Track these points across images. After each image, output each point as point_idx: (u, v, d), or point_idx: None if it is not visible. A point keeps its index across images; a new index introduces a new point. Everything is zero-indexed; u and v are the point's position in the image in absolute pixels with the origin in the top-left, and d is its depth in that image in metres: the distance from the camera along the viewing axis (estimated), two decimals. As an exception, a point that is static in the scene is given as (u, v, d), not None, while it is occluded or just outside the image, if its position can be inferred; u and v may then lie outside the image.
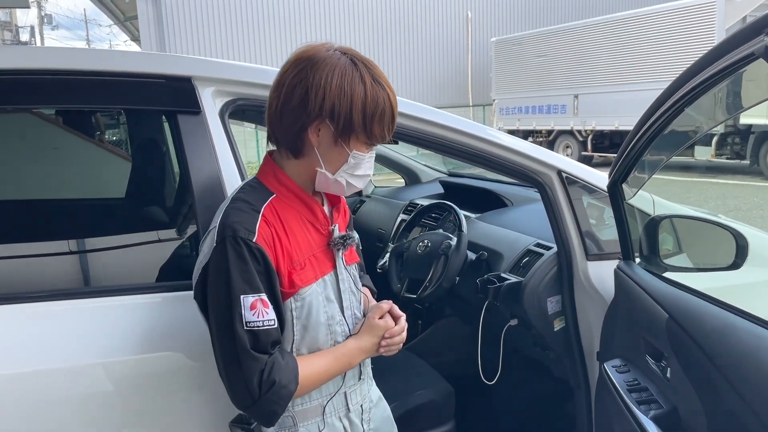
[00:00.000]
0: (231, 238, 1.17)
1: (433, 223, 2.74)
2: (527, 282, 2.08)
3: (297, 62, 1.22)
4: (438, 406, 2.15)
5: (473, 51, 20.13)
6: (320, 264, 1.30)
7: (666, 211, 2.02)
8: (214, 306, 1.21)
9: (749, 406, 1.13)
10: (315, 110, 1.20)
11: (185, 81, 1.63)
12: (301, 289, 1.25)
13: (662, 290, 1.57)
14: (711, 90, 1.34)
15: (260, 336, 1.17)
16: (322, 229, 1.33)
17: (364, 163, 1.28)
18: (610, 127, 13.85)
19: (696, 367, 1.35)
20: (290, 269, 1.23)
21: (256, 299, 1.17)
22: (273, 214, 1.24)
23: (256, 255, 1.18)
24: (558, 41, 15.13)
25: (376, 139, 1.25)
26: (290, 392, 1.20)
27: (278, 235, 1.23)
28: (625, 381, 1.65)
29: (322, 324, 1.29)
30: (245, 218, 1.20)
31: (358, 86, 1.19)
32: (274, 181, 1.29)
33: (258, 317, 1.17)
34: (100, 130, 3.58)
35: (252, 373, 1.16)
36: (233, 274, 1.16)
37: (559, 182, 2.02)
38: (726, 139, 11.90)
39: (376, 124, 1.22)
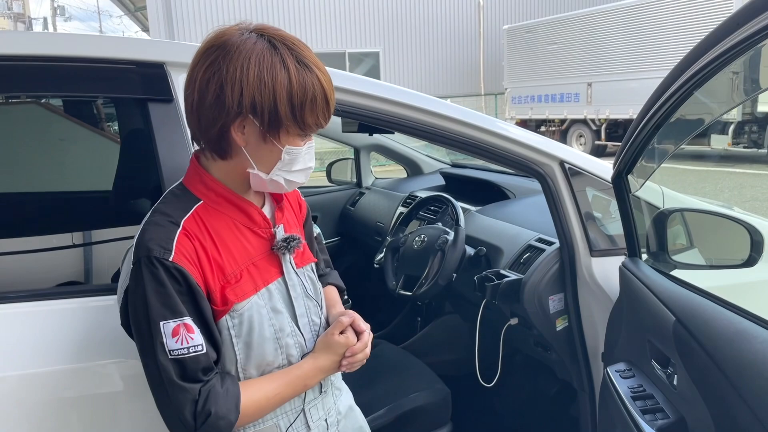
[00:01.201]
0: (145, 259, 1.04)
1: (432, 217, 2.63)
2: (527, 279, 1.97)
3: (207, 52, 1.07)
4: (434, 408, 2.05)
5: (485, 39, 19.89)
6: (262, 273, 1.17)
7: (676, 204, 1.90)
8: (136, 333, 1.09)
9: (758, 418, 1.01)
10: (234, 107, 1.04)
11: (157, 67, 1.53)
12: (235, 305, 1.12)
13: (670, 290, 1.45)
14: (724, 69, 1.21)
15: (187, 364, 1.05)
16: (263, 233, 1.19)
17: (302, 157, 1.13)
18: (624, 115, 13.60)
19: (705, 375, 1.23)
20: (223, 284, 1.11)
21: (178, 324, 1.04)
22: (198, 224, 1.11)
23: (174, 275, 1.04)
24: (570, 28, 14.87)
25: (311, 129, 1.11)
26: (230, 423, 1.08)
27: (204, 248, 1.10)
28: (629, 387, 1.54)
29: (269, 339, 1.16)
30: (161, 234, 1.07)
31: (280, 73, 1.04)
32: (201, 187, 1.15)
33: (182, 344, 1.04)
34: (100, 118, 3.51)
35: (183, 404, 1.05)
36: (150, 299, 1.04)
37: (562, 173, 1.90)
38: (743, 127, 11.63)
39: (308, 113, 1.08)
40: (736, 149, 11.82)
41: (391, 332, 2.91)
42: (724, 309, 1.25)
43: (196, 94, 1.07)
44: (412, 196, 3.01)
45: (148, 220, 1.10)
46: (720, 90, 1.38)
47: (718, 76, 1.24)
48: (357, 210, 3.43)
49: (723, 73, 1.22)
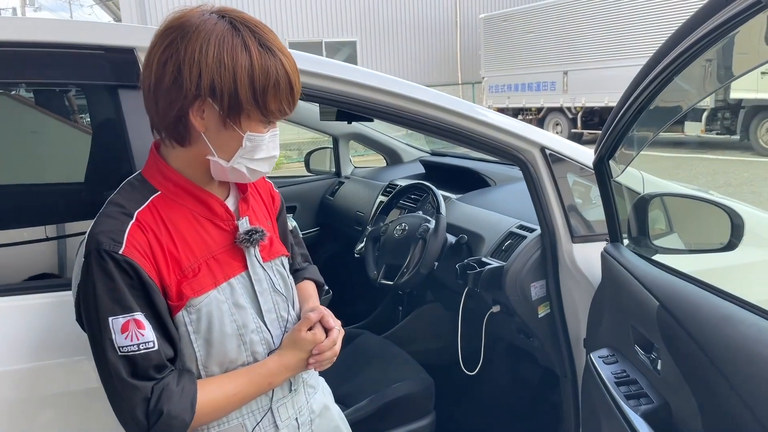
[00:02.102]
0: (95, 252, 0.99)
1: (413, 205, 2.61)
2: (509, 266, 1.96)
3: (165, 33, 1.02)
4: (417, 398, 2.03)
5: (462, 28, 19.87)
6: (224, 266, 1.12)
7: (656, 189, 1.90)
8: (88, 330, 1.04)
9: (745, 403, 1.01)
10: (192, 90, 0.99)
11: (127, 52, 1.48)
12: (191, 299, 1.06)
13: (653, 275, 1.44)
14: (705, 53, 1.20)
15: (137, 361, 1.01)
16: (225, 226, 1.14)
17: (265, 145, 1.08)
18: (600, 103, 13.70)
19: (689, 360, 1.22)
20: (179, 278, 1.06)
21: (127, 320, 1.00)
22: (153, 216, 1.06)
23: (124, 269, 1.00)
24: (546, 17, 14.91)
25: (274, 116, 1.06)
26: (184, 423, 1.03)
27: (159, 240, 1.05)
28: (612, 373, 1.53)
29: (231, 335, 1.11)
30: (112, 226, 1.02)
31: (241, 56, 0.99)
32: (159, 177, 1.10)
33: (131, 340, 1.00)
34: (73, 110, 3.41)
35: (134, 403, 1.00)
36: (99, 294, 0.99)
37: (543, 159, 1.89)
38: (716, 114, 11.78)
39: (271, 99, 1.03)
40: (709, 136, 11.98)
41: (373, 322, 2.89)
42: (708, 293, 1.24)
43: (153, 76, 1.02)
44: (392, 185, 2.98)
45: (101, 212, 1.05)
46: (697, 77, 1.38)
47: (695, 62, 1.23)
48: (336, 200, 3.40)
49: (700, 59, 1.21)
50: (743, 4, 0.91)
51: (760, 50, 1.19)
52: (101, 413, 1.35)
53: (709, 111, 11.71)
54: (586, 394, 1.84)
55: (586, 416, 1.89)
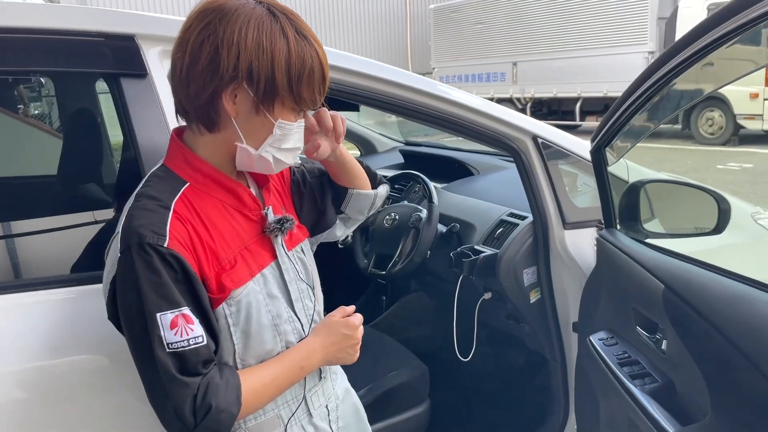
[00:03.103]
0: (137, 247, 0.96)
1: (397, 195, 2.61)
2: (503, 254, 1.99)
3: (203, 14, 1.00)
4: (413, 386, 2.05)
5: (412, 19, 19.91)
6: (256, 257, 1.11)
7: (641, 177, 1.96)
8: (127, 328, 1.00)
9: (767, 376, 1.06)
10: (229, 72, 0.98)
11: (128, 39, 1.43)
12: (233, 291, 1.05)
13: (655, 259, 1.50)
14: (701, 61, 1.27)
15: (187, 357, 0.98)
16: (253, 216, 1.13)
17: (293, 135, 1.06)
18: (548, 94, 13.99)
19: (699, 339, 1.27)
20: (218, 270, 1.04)
21: (176, 315, 0.97)
22: (188, 207, 1.03)
23: (170, 262, 0.97)
24: (496, 8, 15.09)
25: (306, 105, 1.05)
26: (232, 416, 1.01)
27: (197, 232, 1.02)
28: (614, 354, 1.58)
29: (267, 326, 1.10)
30: (152, 219, 0.98)
31: (279, 41, 0.98)
32: (186, 167, 1.07)
33: (181, 336, 0.97)
34: (23, 104, 3.28)
35: (182, 400, 0.97)
36: (144, 290, 0.96)
37: (535, 148, 1.92)
38: (657, 109, 12.19)
39: (305, 86, 1.02)
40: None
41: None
42: (715, 274, 1.29)
43: (188, 57, 0.99)
44: (372, 175, 2.97)
45: (134, 205, 1.01)
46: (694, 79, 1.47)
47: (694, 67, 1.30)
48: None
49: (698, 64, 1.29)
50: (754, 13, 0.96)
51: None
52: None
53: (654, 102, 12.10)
54: (581, 376, 1.89)
55: (578, 398, 1.95)
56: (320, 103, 1.08)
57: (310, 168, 1.37)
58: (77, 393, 1.27)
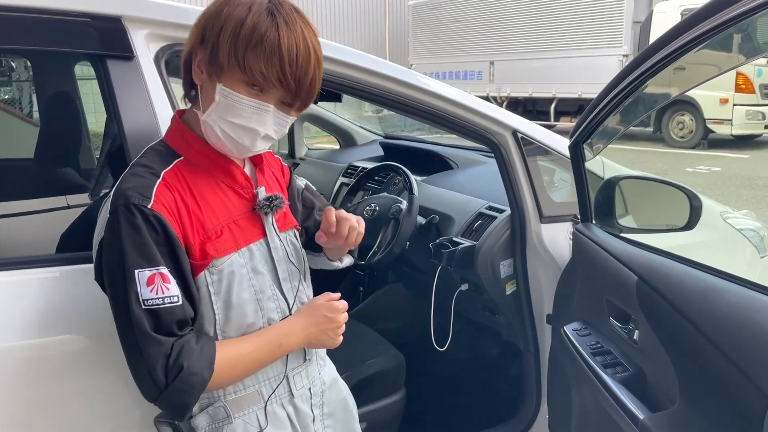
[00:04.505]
0: (123, 206, 1.01)
1: (377, 187, 2.63)
2: (481, 246, 2.03)
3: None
4: (389, 375, 2.07)
5: (391, 14, 19.90)
6: (244, 232, 1.14)
7: (616, 173, 2.01)
8: (109, 285, 1.05)
9: (737, 366, 1.10)
10: (193, 38, 1.07)
11: (114, 21, 1.42)
12: (215, 259, 1.08)
13: (629, 252, 1.54)
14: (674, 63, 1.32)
15: (161, 315, 1.01)
16: (245, 193, 1.16)
17: (244, 110, 1.05)
18: (524, 93, 14.11)
19: (670, 329, 1.32)
20: (203, 239, 1.08)
21: (153, 273, 1.01)
22: (178, 178, 1.08)
23: (152, 223, 1.02)
24: (474, 7, 15.16)
25: (257, 78, 1.02)
26: (203, 380, 1.03)
27: (184, 201, 1.07)
28: (588, 344, 1.63)
29: (248, 300, 1.13)
30: (140, 182, 1.04)
31: (241, 12, 1.01)
32: (182, 143, 1.12)
33: (156, 294, 1.01)
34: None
35: (155, 358, 1.00)
36: (126, 247, 1.00)
37: (515, 143, 1.96)
38: (633, 106, 12.39)
39: (251, 55, 1.00)
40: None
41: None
42: (689, 267, 1.34)
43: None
44: (353, 167, 3.00)
45: (127, 172, 1.07)
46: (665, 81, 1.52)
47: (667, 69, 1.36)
48: (292, 181, 3.37)
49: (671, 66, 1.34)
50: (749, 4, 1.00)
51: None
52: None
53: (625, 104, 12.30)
54: (554, 366, 1.94)
55: (551, 387, 2.00)
56: (284, 85, 1.04)
57: (307, 198, 1.42)
58: (59, 373, 1.27)
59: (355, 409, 1.44)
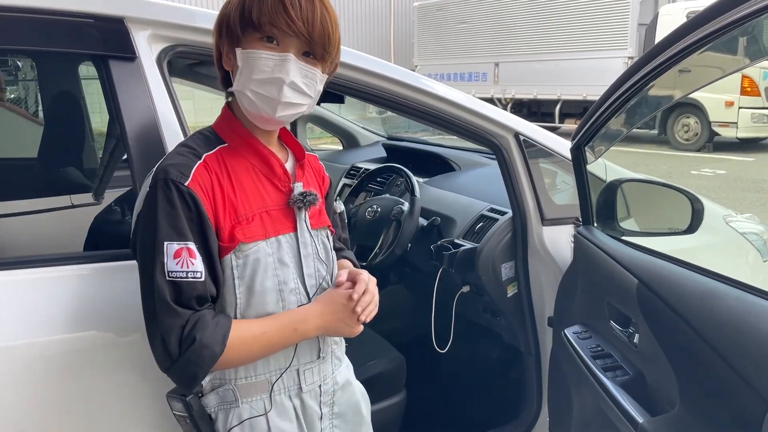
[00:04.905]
0: (162, 181, 1.07)
1: (379, 188, 2.64)
2: (482, 248, 2.03)
3: None
4: (390, 376, 2.07)
5: (396, 15, 19.91)
6: (275, 222, 1.17)
7: (617, 176, 2.01)
8: (139, 254, 1.10)
9: (735, 370, 1.10)
10: (215, 35, 1.15)
11: (117, 22, 1.43)
12: (241, 244, 1.12)
13: (631, 256, 1.54)
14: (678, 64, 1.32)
15: (183, 288, 1.05)
16: (282, 186, 1.20)
17: (263, 63, 1.08)
18: (529, 95, 14.09)
19: (670, 333, 1.32)
20: (234, 222, 1.12)
21: (181, 247, 1.06)
22: (218, 162, 1.13)
23: (186, 200, 1.06)
24: (480, 8, 15.15)
25: (267, 29, 1.06)
26: (214, 354, 1.06)
27: (221, 184, 1.12)
28: (588, 347, 1.62)
29: (271, 289, 1.15)
30: (181, 161, 1.10)
31: None
32: (228, 130, 1.18)
33: (182, 267, 1.05)
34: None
35: (171, 328, 1.04)
36: (159, 219, 1.06)
37: (516, 145, 1.96)
38: (635, 109, 12.36)
39: (256, 10, 1.06)
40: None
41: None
42: (688, 271, 1.34)
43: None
44: (355, 168, 3.00)
45: (172, 151, 1.14)
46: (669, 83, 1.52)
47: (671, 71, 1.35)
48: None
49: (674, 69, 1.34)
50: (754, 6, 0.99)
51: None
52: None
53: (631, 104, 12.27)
54: (555, 369, 1.94)
55: (552, 390, 1.99)
56: (290, 29, 1.06)
57: (335, 222, 1.43)
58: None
59: (368, 414, 1.42)
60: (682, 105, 11.14)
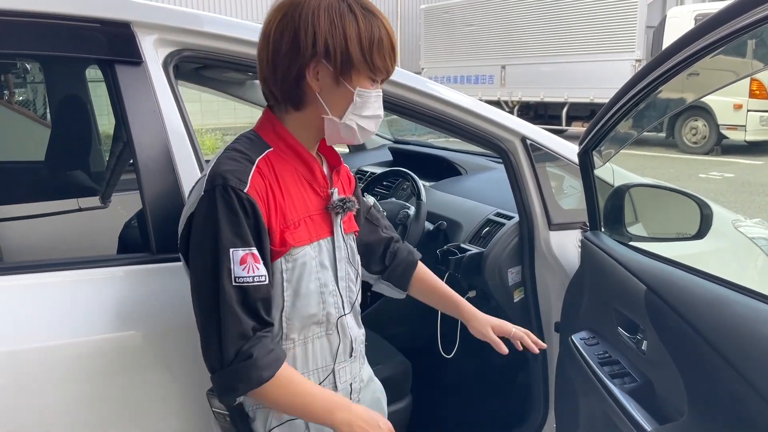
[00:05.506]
0: (221, 187, 1.09)
1: (385, 192, 2.63)
2: (489, 252, 2.02)
3: (279, 8, 1.14)
4: (396, 381, 2.06)
5: (402, 18, 19.93)
6: (316, 227, 1.22)
7: (625, 181, 1.99)
8: (198, 259, 1.12)
9: (745, 378, 1.09)
10: (308, 52, 1.11)
11: (123, 26, 1.43)
12: (293, 248, 1.16)
13: (639, 262, 1.53)
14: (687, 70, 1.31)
15: (249, 292, 1.10)
16: (321, 191, 1.24)
17: (371, 102, 1.18)
18: (536, 98, 14.08)
19: (679, 340, 1.31)
20: (283, 227, 1.15)
21: (246, 253, 1.09)
22: (268, 167, 1.16)
23: (246, 207, 1.09)
24: (486, 11, 15.15)
25: (380, 72, 1.16)
26: (260, 378, 1.08)
27: (272, 189, 1.15)
28: (595, 354, 1.61)
29: (314, 292, 1.20)
30: (238, 167, 1.12)
31: (347, 17, 1.11)
32: (273, 135, 1.20)
33: (248, 273, 1.09)
34: (8, 89, 3.26)
35: (232, 335, 1.08)
36: (222, 226, 1.08)
37: (523, 149, 1.95)
38: (644, 113, 12.31)
39: (377, 55, 1.14)
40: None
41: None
42: (696, 277, 1.33)
43: (271, 46, 1.14)
44: (361, 171, 2.99)
45: (224, 155, 1.14)
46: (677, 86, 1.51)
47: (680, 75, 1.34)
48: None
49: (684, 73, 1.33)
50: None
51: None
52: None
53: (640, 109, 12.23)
54: (561, 375, 1.92)
55: (558, 396, 1.98)
56: (392, 71, 1.19)
57: (374, 215, 1.49)
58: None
59: (386, 411, 1.49)
60: (690, 108, 11.08)
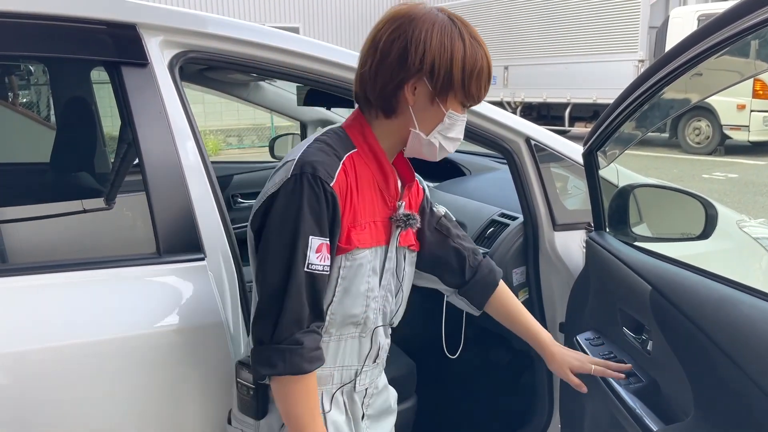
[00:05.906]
0: (310, 176, 1.12)
1: (389, 192, 2.63)
2: (493, 253, 2.02)
3: (394, 18, 1.18)
4: (400, 382, 2.05)
5: (404, 19, 19.95)
6: (378, 233, 1.25)
7: (630, 181, 1.99)
8: (275, 237, 1.14)
9: (751, 378, 1.09)
10: (415, 66, 1.15)
11: (129, 28, 1.44)
12: (356, 248, 1.19)
13: (644, 262, 1.53)
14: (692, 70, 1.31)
15: (317, 278, 1.14)
16: (389, 202, 1.26)
17: (458, 125, 1.24)
18: (539, 98, 14.09)
19: (684, 340, 1.31)
20: (351, 226, 1.18)
21: (322, 243, 1.13)
22: (351, 166, 1.20)
23: (329, 200, 1.13)
24: (489, 12, 15.16)
25: (472, 100, 1.22)
26: (301, 368, 1.12)
27: (351, 188, 1.18)
28: (600, 354, 1.61)
29: (362, 294, 1.23)
30: (327, 159, 1.15)
31: (457, 42, 1.16)
32: (359, 136, 1.23)
33: (320, 261, 1.13)
34: (12, 92, 3.27)
35: (290, 317, 1.11)
36: (305, 212, 1.12)
37: (528, 150, 1.95)
38: (648, 114, 12.31)
39: (474, 83, 1.19)
40: (640, 133, 12.49)
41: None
42: (702, 277, 1.33)
43: (379, 53, 1.17)
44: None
45: (314, 146, 1.17)
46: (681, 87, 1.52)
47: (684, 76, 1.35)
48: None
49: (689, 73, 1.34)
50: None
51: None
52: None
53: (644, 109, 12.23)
54: (566, 375, 1.92)
55: (563, 397, 1.98)
56: (482, 100, 1.24)
57: (444, 225, 1.47)
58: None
59: (394, 418, 1.51)
60: (693, 108, 11.06)
